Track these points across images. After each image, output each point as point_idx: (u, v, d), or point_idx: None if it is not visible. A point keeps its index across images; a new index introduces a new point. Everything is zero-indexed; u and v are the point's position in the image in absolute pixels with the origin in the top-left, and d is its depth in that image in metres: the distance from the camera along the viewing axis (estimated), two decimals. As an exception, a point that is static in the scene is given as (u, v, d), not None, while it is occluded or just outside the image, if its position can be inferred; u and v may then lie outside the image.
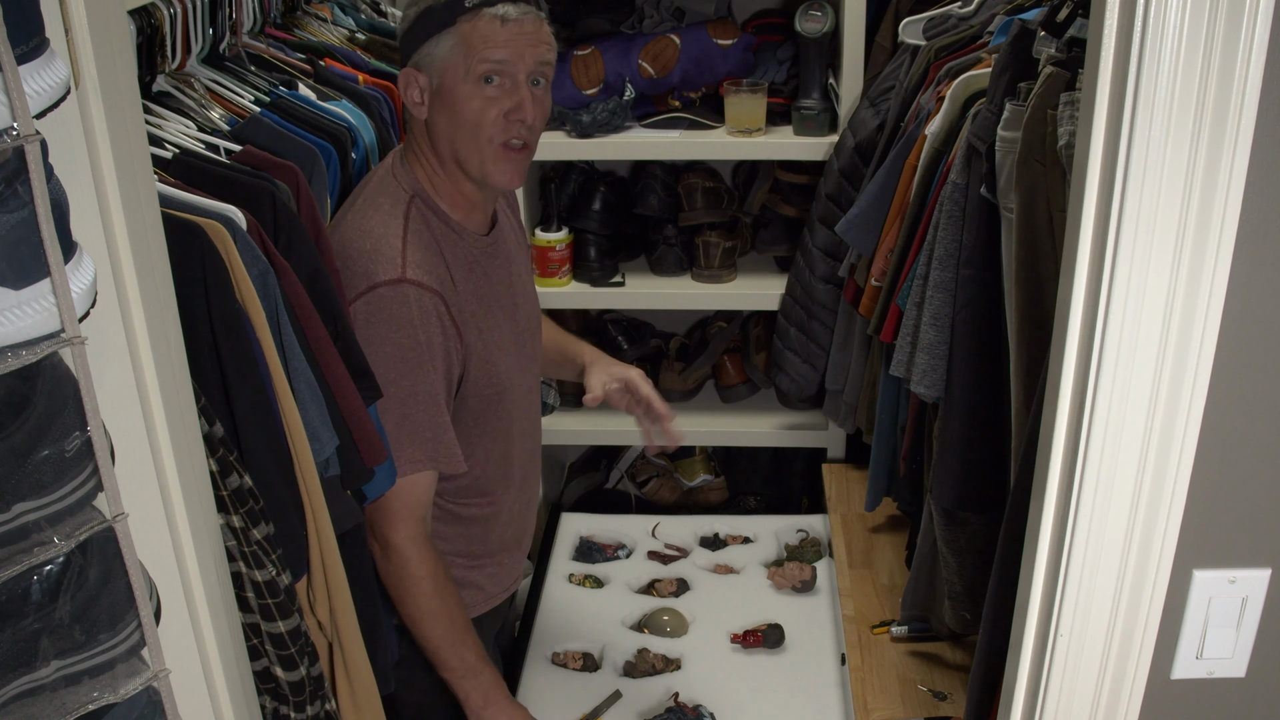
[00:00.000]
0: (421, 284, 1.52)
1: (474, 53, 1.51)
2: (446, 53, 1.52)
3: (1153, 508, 0.95)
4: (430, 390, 1.53)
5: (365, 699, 1.44)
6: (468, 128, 1.54)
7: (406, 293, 1.50)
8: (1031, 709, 1.07)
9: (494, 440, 1.69)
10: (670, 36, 2.48)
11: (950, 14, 1.96)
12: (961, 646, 1.95)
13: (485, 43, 1.50)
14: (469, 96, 1.52)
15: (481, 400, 1.64)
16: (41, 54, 0.81)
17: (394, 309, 1.50)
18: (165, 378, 0.99)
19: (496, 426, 1.68)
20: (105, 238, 0.92)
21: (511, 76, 1.53)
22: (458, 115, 1.54)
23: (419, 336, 1.51)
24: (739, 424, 2.75)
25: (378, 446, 1.42)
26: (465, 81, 1.52)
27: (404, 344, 1.50)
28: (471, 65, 1.51)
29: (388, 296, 1.50)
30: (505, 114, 1.54)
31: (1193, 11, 0.80)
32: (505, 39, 1.51)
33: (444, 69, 1.53)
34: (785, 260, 2.62)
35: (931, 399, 1.63)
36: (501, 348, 1.66)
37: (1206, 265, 0.87)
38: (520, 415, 1.73)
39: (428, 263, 1.54)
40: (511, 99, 1.53)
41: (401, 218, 1.55)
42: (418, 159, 1.60)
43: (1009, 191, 1.35)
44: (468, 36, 1.51)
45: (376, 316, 1.49)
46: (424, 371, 1.52)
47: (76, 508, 0.89)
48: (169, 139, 1.34)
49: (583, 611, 2.27)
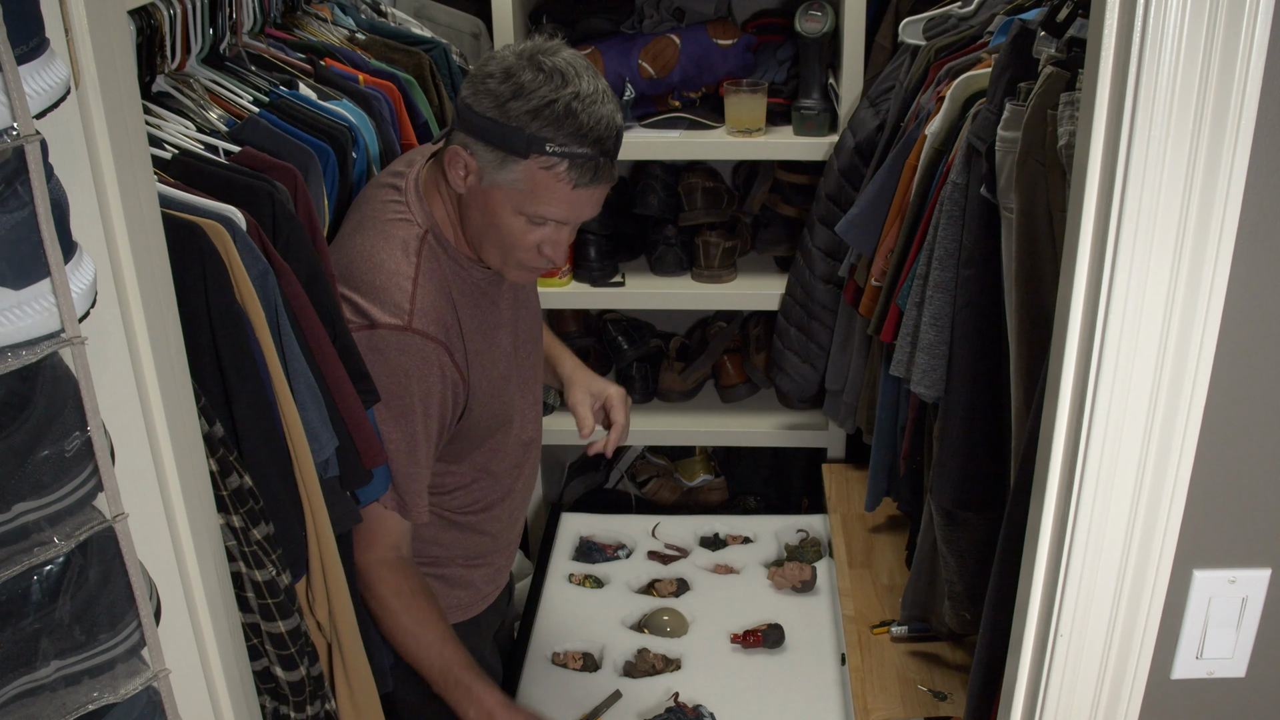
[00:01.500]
0: (427, 335, 1.49)
1: (535, 200, 1.44)
2: (507, 178, 1.44)
3: (1153, 508, 0.95)
4: (410, 441, 1.51)
5: (364, 699, 1.44)
6: (499, 241, 1.49)
7: (409, 342, 1.47)
8: (1031, 709, 1.07)
9: (492, 454, 1.69)
10: (670, 36, 2.48)
11: (950, 14, 1.96)
12: (961, 646, 1.95)
13: (550, 198, 1.43)
14: (512, 220, 1.47)
15: (484, 429, 1.64)
16: (41, 54, 0.81)
17: (392, 355, 1.47)
18: (165, 378, 0.99)
19: (496, 443, 1.68)
20: (105, 238, 0.92)
21: (560, 226, 1.49)
22: (494, 226, 1.48)
23: (411, 388, 1.48)
24: (739, 424, 2.75)
25: (376, 448, 1.42)
26: (513, 211, 1.46)
27: (392, 390, 1.47)
28: (526, 208, 1.45)
29: (389, 340, 1.47)
30: (539, 246, 1.49)
31: (1193, 11, 0.80)
32: (575, 202, 1.45)
33: (498, 185, 1.45)
34: (785, 260, 2.62)
35: (931, 399, 1.63)
36: (505, 376, 1.64)
37: (1206, 265, 0.87)
38: (519, 430, 1.72)
39: (435, 310, 1.50)
40: (552, 238, 1.49)
41: (414, 255, 1.50)
42: (438, 201, 1.55)
43: (1009, 191, 1.35)
44: (535, 182, 1.42)
45: (373, 354, 1.46)
46: (407, 421, 1.50)
47: (76, 508, 0.89)
48: (168, 139, 1.33)
49: (583, 611, 2.27)
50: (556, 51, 1.44)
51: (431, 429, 1.53)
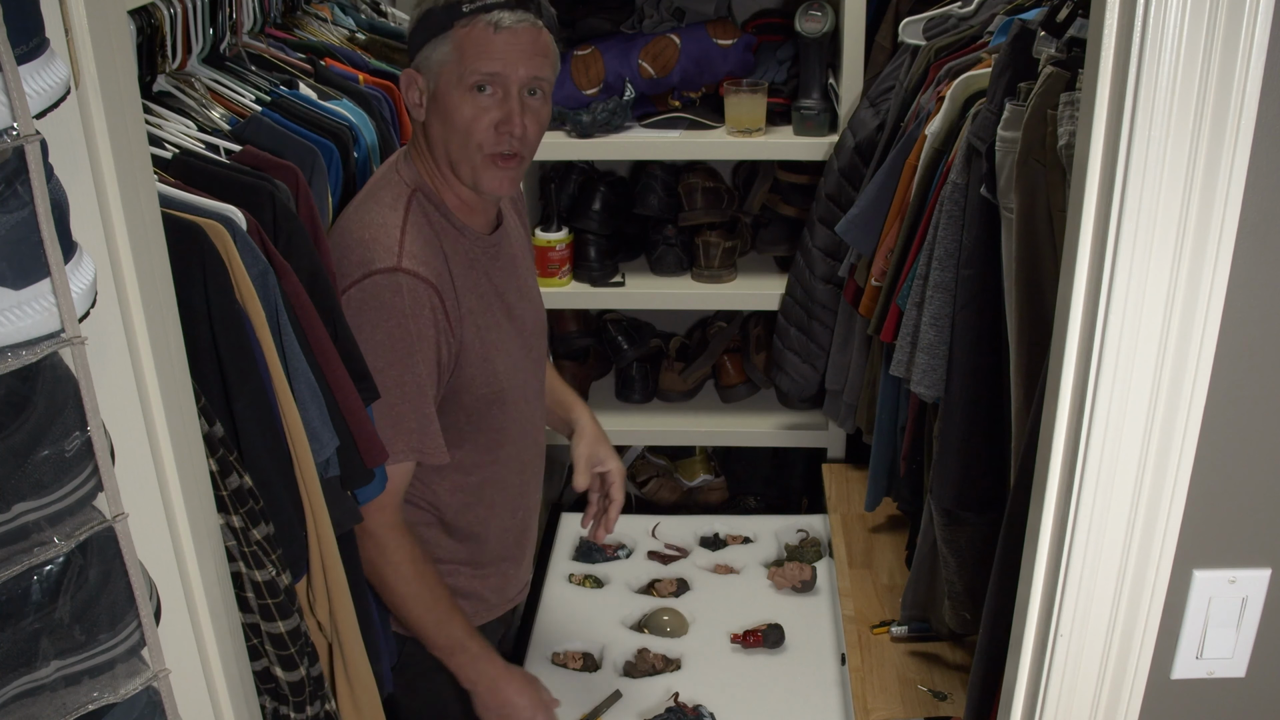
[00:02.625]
0: (416, 274, 1.51)
1: (467, 61, 1.50)
2: (442, 58, 1.51)
3: (1153, 508, 0.95)
4: (417, 381, 1.52)
5: (365, 699, 1.44)
6: (459, 135, 1.54)
7: (400, 281, 1.50)
8: (1031, 709, 1.07)
9: (490, 442, 1.68)
10: (670, 36, 2.48)
11: (950, 14, 1.96)
12: (961, 646, 1.95)
13: (478, 51, 1.49)
14: (461, 104, 1.52)
15: (477, 399, 1.63)
16: (41, 54, 0.81)
17: (386, 297, 1.50)
18: (165, 378, 0.99)
19: (492, 427, 1.67)
20: (105, 238, 0.92)
21: (504, 87, 1.51)
22: (450, 122, 1.53)
23: (409, 326, 1.50)
24: (739, 424, 2.75)
25: (378, 447, 1.42)
26: (458, 89, 1.51)
27: (394, 333, 1.50)
28: (464, 73, 1.50)
29: (381, 284, 1.50)
30: (496, 125, 1.53)
31: (1193, 11, 0.80)
32: (499, 49, 1.49)
33: (439, 74, 1.52)
34: (785, 260, 2.62)
35: (931, 399, 1.63)
36: (500, 349, 1.65)
37: (1206, 265, 0.87)
38: (519, 418, 1.71)
39: (425, 254, 1.54)
40: (502, 109, 1.52)
41: (402, 209, 1.55)
42: (419, 157, 1.60)
43: (1009, 191, 1.35)
44: (462, 43, 1.50)
45: (369, 304, 1.49)
46: (412, 362, 1.51)
47: (76, 508, 0.89)
48: (169, 139, 1.34)
49: (583, 611, 2.27)
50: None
51: (431, 370, 1.54)
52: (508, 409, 1.68)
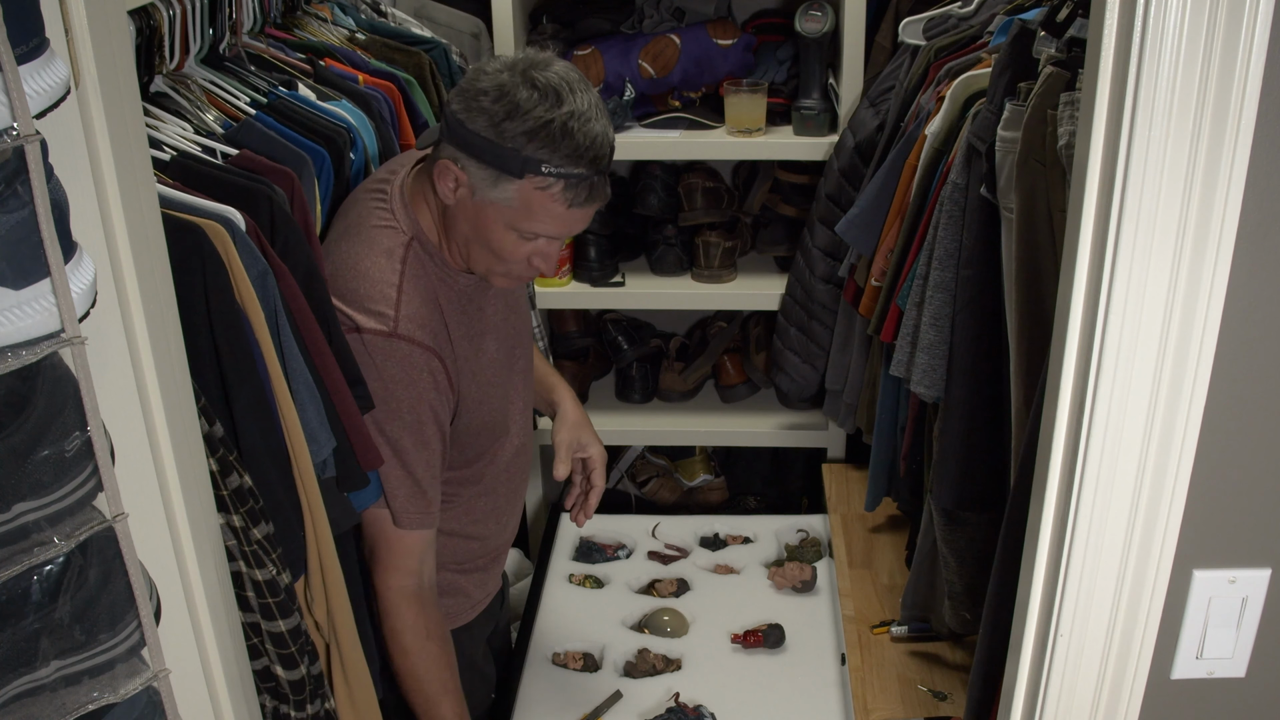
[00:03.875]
0: (414, 340, 1.47)
1: (529, 218, 1.42)
2: (500, 196, 1.41)
3: (1153, 508, 0.95)
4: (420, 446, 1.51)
5: (362, 699, 1.44)
6: (489, 253, 1.48)
7: (394, 349, 1.46)
8: (1031, 709, 1.07)
9: (483, 464, 1.68)
10: (670, 36, 2.48)
11: (950, 14, 1.96)
12: (961, 646, 1.95)
13: (545, 217, 1.42)
14: (504, 235, 1.45)
15: (472, 435, 1.62)
16: (41, 54, 0.81)
17: (380, 362, 1.46)
18: (165, 378, 0.99)
19: (487, 452, 1.67)
20: (105, 238, 0.92)
21: (552, 240, 1.47)
22: (484, 240, 1.47)
23: (400, 394, 1.48)
24: (739, 424, 2.75)
25: (373, 450, 1.42)
26: (504, 227, 1.44)
27: (378, 394, 1.46)
28: (520, 225, 1.43)
29: (376, 346, 1.46)
30: (530, 258, 1.48)
31: (1193, 11, 0.80)
32: (566, 220, 1.43)
33: (489, 202, 1.43)
34: (785, 260, 2.62)
35: (931, 399, 1.63)
36: (493, 381, 1.63)
37: (1206, 265, 0.87)
38: (507, 436, 1.70)
39: (423, 315, 1.49)
40: (542, 251, 1.47)
41: (399, 262, 1.49)
42: (424, 209, 1.53)
43: (1009, 191, 1.35)
44: (529, 202, 1.40)
45: (362, 360, 1.45)
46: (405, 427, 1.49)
47: (76, 508, 0.89)
48: (166, 141, 1.33)
49: (583, 612, 2.27)
50: (549, 65, 1.41)
51: (433, 433, 1.53)
52: (498, 433, 1.68)
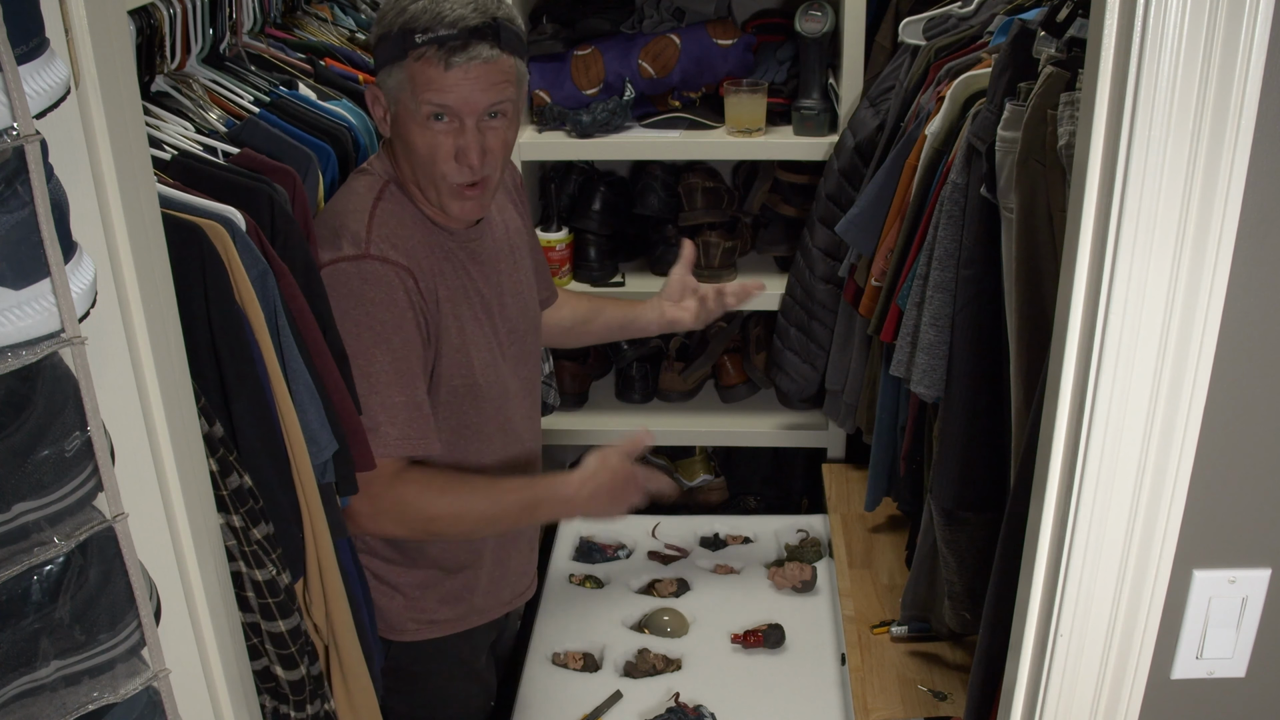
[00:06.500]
0: (386, 259, 1.50)
1: (419, 93, 1.48)
2: (397, 85, 1.50)
3: (1153, 508, 0.95)
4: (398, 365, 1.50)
5: (361, 700, 1.44)
6: (421, 164, 1.53)
7: (368, 269, 1.48)
8: (1031, 709, 1.07)
9: (461, 438, 1.64)
10: (670, 36, 2.47)
11: (950, 14, 1.96)
12: (961, 646, 1.95)
13: (430, 85, 1.47)
14: (419, 132, 1.50)
15: (451, 391, 1.60)
16: (41, 54, 0.81)
17: (353, 285, 1.48)
18: (165, 378, 0.99)
19: (464, 423, 1.64)
20: (105, 238, 0.92)
21: (459, 118, 1.49)
22: (411, 150, 1.52)
23: (377, 315, 1.48)
24: (739, 424, 2.75)
25: (368, 454, 1.42)
26: (414, 119, 1.50)
27: (360, 321, 1.47)
28: (418, 105, 1.48)
29: (348, 272, 1.48)
30: (454, 155, 1.51)
31: (1193, 11, 0.80)
32: (451, 84, 1.47)
33: (397, 100, 1.51)
34: (785, 260, 2.62)
35: (931, 399, 1.63)
36: (477, 343, 1.62)
37: (1206, 265, 0.87)
38: (495, 415, 1.68)
39: (395, 238, 1.52)
40: (459, 140, 1.50)
41: (372, 198, 1.54)
42: (392, 159, 1.59)
43: (1009, 191, 1.35)
44: (414, 76, 1.47)
45: (335, 291, 1.46)
46: (380, 351, 1.49)
47: (76, 508, 0.89)
48: (167, 140, 1.33)
49: (583, 611, 2.26)
50: None
51: (414, 353, 1.52)
52: (481, 405, 1.65)
